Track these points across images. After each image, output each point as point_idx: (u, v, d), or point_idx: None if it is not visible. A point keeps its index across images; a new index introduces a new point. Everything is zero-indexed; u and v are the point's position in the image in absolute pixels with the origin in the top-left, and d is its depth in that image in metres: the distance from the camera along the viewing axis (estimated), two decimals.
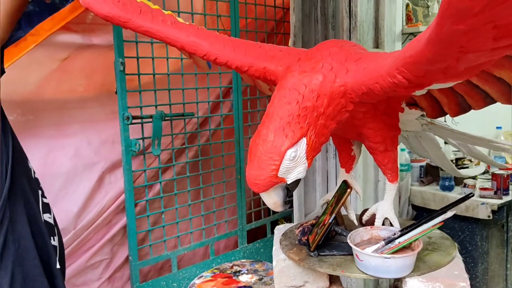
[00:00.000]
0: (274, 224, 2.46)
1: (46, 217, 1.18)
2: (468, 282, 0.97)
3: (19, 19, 1.71)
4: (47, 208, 1.21)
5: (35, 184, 1.20)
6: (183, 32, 1.07)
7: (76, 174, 1.80)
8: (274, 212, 2.44)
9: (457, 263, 1.05)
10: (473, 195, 1.25)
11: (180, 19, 1.17)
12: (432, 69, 0.70)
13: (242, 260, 1.65)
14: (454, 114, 1.05)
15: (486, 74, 0.86)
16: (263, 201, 2.39)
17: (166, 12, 1.14)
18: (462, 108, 1.01)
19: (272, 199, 0.91)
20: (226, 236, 2.21)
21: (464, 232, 2.37)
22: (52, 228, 1.20)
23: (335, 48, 0.95)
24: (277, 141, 0.86)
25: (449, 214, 1.02)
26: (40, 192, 1.20)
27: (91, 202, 1.82)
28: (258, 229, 2.44)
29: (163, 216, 1.94)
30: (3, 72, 1.17)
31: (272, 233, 2.39)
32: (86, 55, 1.94)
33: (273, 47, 1.10)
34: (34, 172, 1.23)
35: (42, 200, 1.19)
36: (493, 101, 0.96)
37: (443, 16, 0.54)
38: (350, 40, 2.16)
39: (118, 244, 1.90)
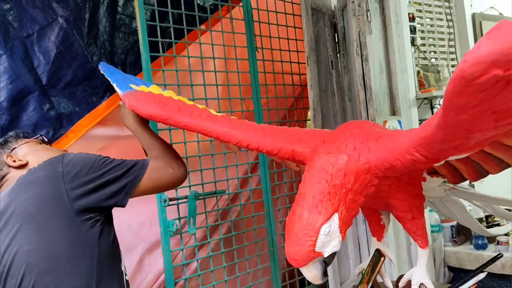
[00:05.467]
0: None
1: None
2: None
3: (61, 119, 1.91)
4: None
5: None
6: (217, 124, 1.19)
7: None
8: (309, 283, 2.45)
9: None
10: (502, 256, 1.28)
11: (212, 111, 1.30)
12: (445, 147, 0.79)
13: None
14: (474, 179, 1.11)
15: (497, 144, 0.94)
16: (297, 272, 2.41)
17: (200, 107, 1.28)
18: (480, 173, 1.08)
19: (312, 273, 0.97)
20: None
21: None
22: None
23: (356, 129, 1.05)
24: (312, 218, 0.94)
25: (481, 276, 1.06)
26: None
27: (132, 285, 1.88)
28: None
29: None
30: None
31: None
32: (120, 145, 2.10)
33: (299, 130, 1.21)
34: (126, 274, 1.31)
35: None
36: (508, 166, 1.03)
37: (446, 108, 0.65)
38: (367, 110, 2.28)
39: None
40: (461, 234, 2.61)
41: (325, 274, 1.01)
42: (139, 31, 1.85)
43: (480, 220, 2.53)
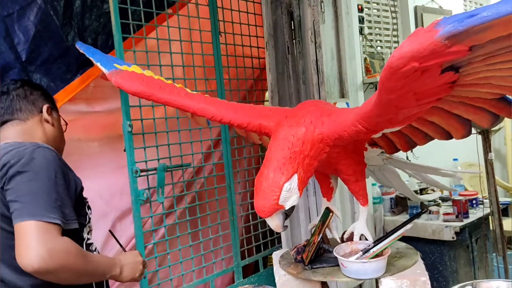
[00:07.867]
0: (265, 259, 2.71)
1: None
2: (428, 277, 1.26)
3: None
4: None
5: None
6: (194, 100, 1.38)
7: (93, 224, 2.04)
8: (264, 249, 2.70)
9: (420, 265, 1.34)
10: (426, 211, 1.56)
11: (188, 90, 1.48)
12: (381, 120, 1.03)
13: (246, 286, 1.88)
14: (405, 150, 1.37)
15: (422, 120, 1.19)
16: (254, 239, 2.63)
17: (178, 86, 1.46)
18: (410, 145, 1.34)
19: (275, 222, 1.19)
20: (224, 272, 2.45)
21: (434, 254, 2.65)
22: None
23: (312, 107, 1.28)
24: (276, 178, 1.16)
25: (408, 226, 1.32)
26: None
27: (106, 248, 2.04)
28: (251, 265, 2.68)
29: (168, 257, 2.17)
30: None
31: (264, 267, 2.64)
32: (86, 119, 2.22)
33: (264, 107, 1.42)
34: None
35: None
36: (432, 138, 1.29)
37: (380, 90, 0.88)
38: (319, 92, 2.52)
39: (130, 285, 2.12)
40: (399, 205, 2.91)
41: (285, 226, 1.24)
42: (112, 13, 1.98)
43: (416, 192, 2.86)
